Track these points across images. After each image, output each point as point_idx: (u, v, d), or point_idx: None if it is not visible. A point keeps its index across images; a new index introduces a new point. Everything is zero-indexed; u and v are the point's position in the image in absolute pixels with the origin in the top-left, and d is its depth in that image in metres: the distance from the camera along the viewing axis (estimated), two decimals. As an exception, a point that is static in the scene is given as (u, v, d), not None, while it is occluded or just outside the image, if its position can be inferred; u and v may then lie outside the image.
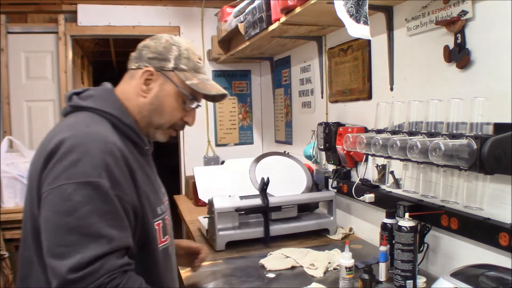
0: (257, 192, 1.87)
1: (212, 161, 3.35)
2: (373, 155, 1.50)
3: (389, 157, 1.42)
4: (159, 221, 1.10)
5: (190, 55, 1.14)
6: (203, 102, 1.23)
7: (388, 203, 1.59)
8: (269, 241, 1.82)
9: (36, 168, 0.97)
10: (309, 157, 2.29)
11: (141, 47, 1.14)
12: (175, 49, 1.12)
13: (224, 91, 1.19)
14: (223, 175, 2.17)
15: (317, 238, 1.91)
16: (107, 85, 1.15)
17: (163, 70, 1.11)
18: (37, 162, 0.98)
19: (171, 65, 1.11)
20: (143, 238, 1.03)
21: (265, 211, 1.82)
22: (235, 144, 3.48)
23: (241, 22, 2.39)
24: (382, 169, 1.64)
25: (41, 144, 1.02)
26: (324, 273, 1.49)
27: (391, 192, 1.64)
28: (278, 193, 1.89)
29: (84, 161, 0.91)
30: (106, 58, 5.04)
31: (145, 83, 1.10)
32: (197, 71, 1.15)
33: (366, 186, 1.76)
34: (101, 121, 1.03)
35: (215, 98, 1.23)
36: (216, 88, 1.17)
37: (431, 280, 1.29)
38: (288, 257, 1.61)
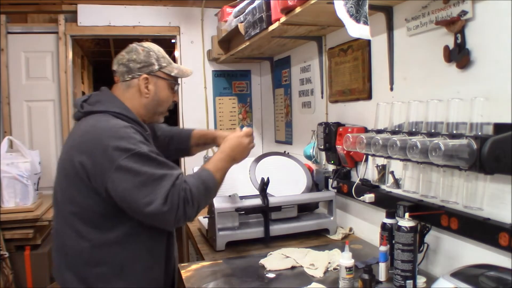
0: (257, 192, 1.87)
1: (212, 161, 3.34)
2: (373, 155, 1.50)
3: (389, 157, 1.42)
4: None
5: (162, 54, 1.49)
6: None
7: (388, 203, 1.59)
8: (269, 241, 1.82)
9: (72, 160, 1.28)
10: (309, 157, 2.29)
11: (126, 61, 1.43)
12: (153, 54, 1.45)
13: (191, 70, 1.58)
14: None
15: (317, 238, 1.91)
16: (106, 89, 1.46)
17: (153, 73, 1.45)
18: (73, 156, 1.29)
19: (156, 67, 1.45)
20: None
21: (265, 211, 1.82)
22: (235, 144, 3.47)
23: (241, 22, 2.39)
24: (382, 169, 1.64)
25: (72, 142, 1.33)
26: (324, 273, 1.49)
27: (391, 192, 1.64)
28: (278, 193, 1.89)
29: (122, 143, 1.25)
30: (106, 58, 5.04)
31: (145, 87, 1.44)
32: (171, 63, 1.50)
33: (366, 186, 1.76)
34: (113, 118, 1.35)
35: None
36: (188, 69, 1.56)
37: (431, 280, 1.29)
38: (288, 257, 1.61)
